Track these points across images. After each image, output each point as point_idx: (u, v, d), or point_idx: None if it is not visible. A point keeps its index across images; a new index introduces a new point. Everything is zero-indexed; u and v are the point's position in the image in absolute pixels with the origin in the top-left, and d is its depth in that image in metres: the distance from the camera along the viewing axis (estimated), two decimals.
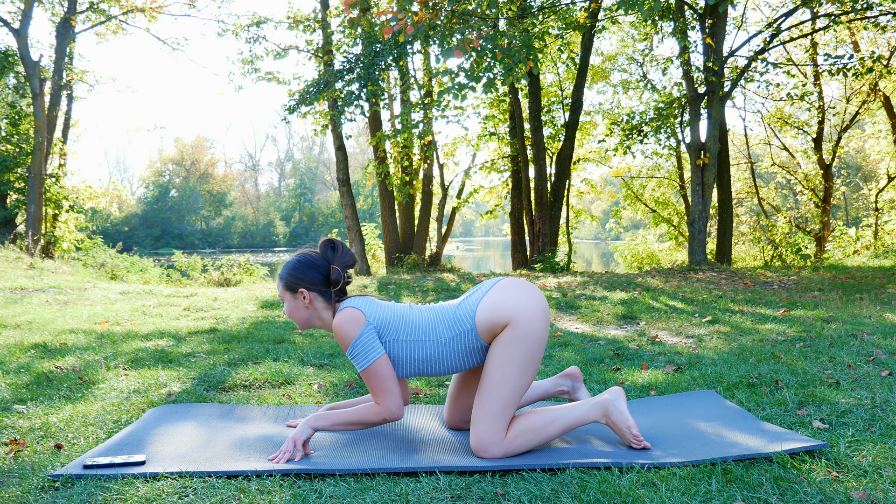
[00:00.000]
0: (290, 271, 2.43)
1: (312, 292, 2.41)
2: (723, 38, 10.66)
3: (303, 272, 2.42)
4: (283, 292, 2.44)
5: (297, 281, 2.41)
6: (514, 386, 2.23)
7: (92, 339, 4.53)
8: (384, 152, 14.53)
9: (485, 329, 2.30)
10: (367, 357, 2.27)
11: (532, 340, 2.25)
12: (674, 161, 18.08)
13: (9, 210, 16.07)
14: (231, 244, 54.83)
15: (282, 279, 2.44)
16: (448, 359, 2.35)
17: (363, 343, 2.27)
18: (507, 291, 2.33)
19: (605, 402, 2.29)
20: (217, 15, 32.68)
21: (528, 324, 2.26)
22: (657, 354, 3.95)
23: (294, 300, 2.42)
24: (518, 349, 2.24)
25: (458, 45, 7.72)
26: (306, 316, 2.44)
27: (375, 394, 2.28)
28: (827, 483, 1.88)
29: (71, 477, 2.03)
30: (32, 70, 14.91)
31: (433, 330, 2.34)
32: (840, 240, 15.96)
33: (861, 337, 4.05)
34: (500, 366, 2.24)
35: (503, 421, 2.21)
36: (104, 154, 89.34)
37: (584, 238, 63.95)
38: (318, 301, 2.42)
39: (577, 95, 13.03)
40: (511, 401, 2.23)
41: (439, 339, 2.33)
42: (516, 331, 2.25)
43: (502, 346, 2.26)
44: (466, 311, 2.33)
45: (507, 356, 2.24)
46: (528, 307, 2.28)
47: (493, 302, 2.30)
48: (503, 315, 2.27)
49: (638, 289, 7.41)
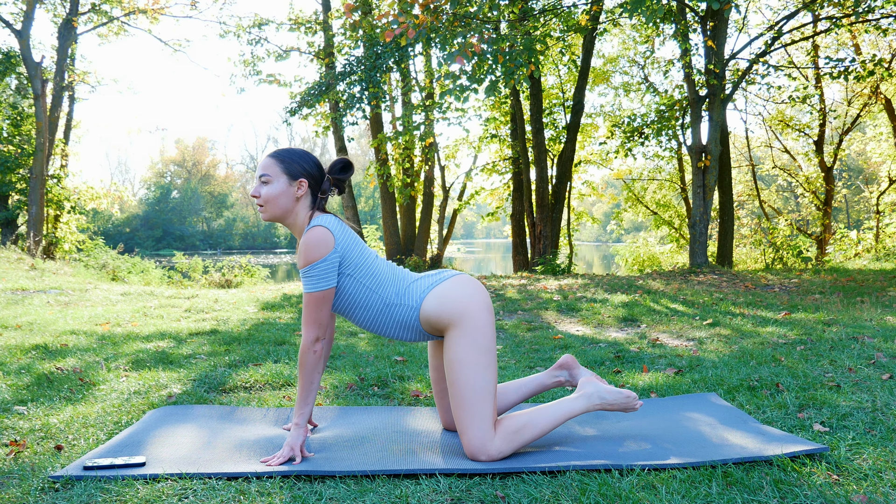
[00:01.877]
0: (297, 158, 2.34)
1: (309, 188, 2.35)
2: (724, 40, 10.66)
3: (310, 165, 2.35)
4: (278, 174, 2.31)
5: (302, 169, 2.33)
6: (479, 385, 2.22)
7: (93, 341, 4.53)
8: (385, 154, 14.54)
9: (426, 316, 2.30)
10: (319, 284, 2.24)
11: (481, 336, 2.25)
12: (675, 163, 18.09)
13: (10, 211, 16.09)
14: (232, 245, 54.84)
15: (282, 161, 2.33)
16: (381, 318, 2.33)
17: (323, 269, 2.23)
18: (457, 287, 2.32)
19: (590, 394, 2.33)
20: (219, 16, 32.63)
21: (474, 320, 2.25)
22: (658, 357, 3.95)
23: (288, 186, 2.31)
24: (471, 348, 2.23)
25: (459, 50, 7.72)
26: (289, 207, 2.33)
27: (307, 320, 2.25)
28: (827, 486, 1.88)
29: (71, 478, 2.03)
30: (34, 71, 14.93)
31: (383, 286, 2.32)
32: (841, 242, 15.95)
33: (862, 340, 4.05)
34: (459, 372, 2.23)
35: (484, 421, 2.19)
36: (105, 155, 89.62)
37: (585, 240, 63.97)
38: (307, 199, 2.36)
39: (578, 97, 13.04)
40: (482, 400, 2.21)
41: (383, 297, 2.32)
42: (463, 328, 2.25)
43: (455, 347, 2.25)
44: (418, 289, 2.33)
45: (460, 360, 2.24)
46: (474, 304, 2.27)
47: (443, 293, 2.30)
48: (448, 311, 2.27)
49: (639, 291, 7.41)
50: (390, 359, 3.97)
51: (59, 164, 17.11)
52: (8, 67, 15.72)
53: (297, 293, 8.11)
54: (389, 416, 2.76)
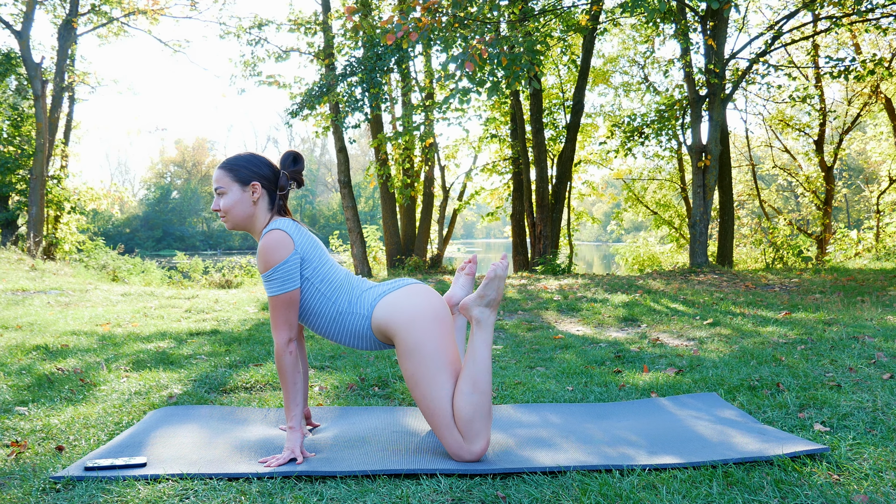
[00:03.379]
0: (243, 163, 2.34)
1: (264, 189, 2.35)
2: (724, 40, 10.66)
3: (258, 166, 2.35)
4: (229, 183, 2.31)
5: (252, 174, 2.32)
6: (437, 395, 2.20)
7: (93, 341, 4.54)
8: (385, 154, 14.54)
9: (376, 325, 2.29)
10: (284, 286, 2.23)
11: (428, 343, 2.22)
12: (675, 163, 18.08)
13: (11, 211, 16.09)
14: (232, 246, 54.82)
15: (231, 170, 2.32)
16: (333, 326, 2.33)
17: (285, 271, 2.23)
18: (406, 297, 2.30)
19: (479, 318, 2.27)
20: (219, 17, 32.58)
21: (415, 332, 2.22)
22: (658, 357, 3.95)
23: (242, 193, 2.31)
24: (416, 362, 2.22)
25: (466, 55, 7.70)
26: (248, 213, 2.33)
27: (276, 324, 2.25)
28: (828, 486, 1.88)
29: (72, 479, 2.03)
30: (34, 72, 14.94)
31: (336, 293, 2.31)
32: (841, 242, 15.95)
33: (862, 340, 4.05)
34: (412, 385, 2.23)
35: (450, 428, 2.18)
36: (106, 156, 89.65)
37: (585, 240, 63.95)
38: (264, 201, 2.35)
39: (578, 97, 13.04)
40: (443, 408, 2.19)
41: (336, 304, 2.31)
42: (406, 342, 2.23)
43: (403, 363, 2.25)
44: (369, 298, 2.32)
45: (411, 374, 2.23)
46: (418, 316, 2.24)
47: (391, 302, 2.28)
48: (394, 321, 2.25)
49: (639, 291, 7.41)
50: (391, 359, 3.97)
51: (59, 165, 17.11)
52: (8, 68, 15.72)
53: None
54: (390, 416, 2.76)
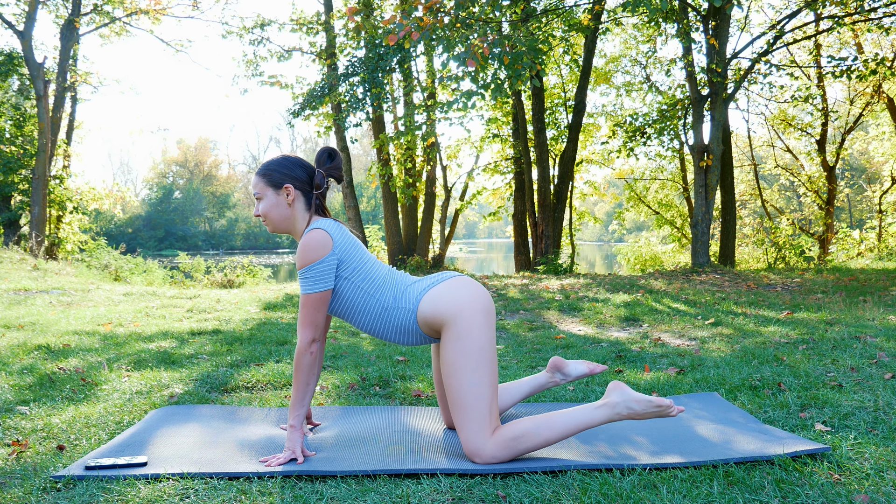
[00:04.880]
0: (276, 167, 2.38)
1: (298, 191, 2.38)
2: (726, 39, 10.65)
3: (290, 169, 2.39)
4: (264, 188, 2.37)
5: (284, 177, 2.37)
6: (473, 387, 2.18)
7: (95, 341, 4.54)
8: (387, 154, 14.54)
9: (423, 318, 2.29)
10: (316, 285, 2.25)
11: (475, 335, 2.22)
12: (677, 163, 18.07)
13: (13, 211, 16.11)
14: (234, 246, 54.87)
15: (265, 175, 2.37)
16: (379, 322, 2.34)
17: (320, 271, 2.25)
18: (452, 289, 2.30)
19: (616, 403, 2.17)
20: (221, 17, 32.69)
21: (466, 321, 2.22)
22: (660, 356, 3.95)
23: (276, 197, 2.37)
24: (462, 351, 2.21)
25: (467, 52, 7.70)
26: (284, 215, 2.38)
27: (303, 322, 2.27)
28: (829, 486, 1.88)
29: (73, 478, 2.03)
30: (36, 72, 14.95)
31: (380, 290, 2.32)
32: (843, 242, 15.93)
33: (864, 339, 4.04)
34: (452, 373, 2.22)
35: (479, 423, 2.16)
36: (108, 156, 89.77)
37: (587, 240, 63.93)
38: (300, 202, 2.39)
39: (580, 97, 13.03)
40: (477, 402, 2.17)
41: (381, 301, 2.32)
42: (456, 330, 2.23)
43: (448, 350, 2.24)
44: (414, 292, 2.32)
45: (454, 361, 2.22)
46: (467, 306, 2.25)
47: (437, 294, 2.29)
48: (442, 312, 2.25)
49: (641, 291, 7.41)
50: (392, 358, 3.97)
51: (61, 165, 17.14)
52: (10, 68, 15.74)
53: (299, 293, 8.12)
54: (391, 415, 2.76)
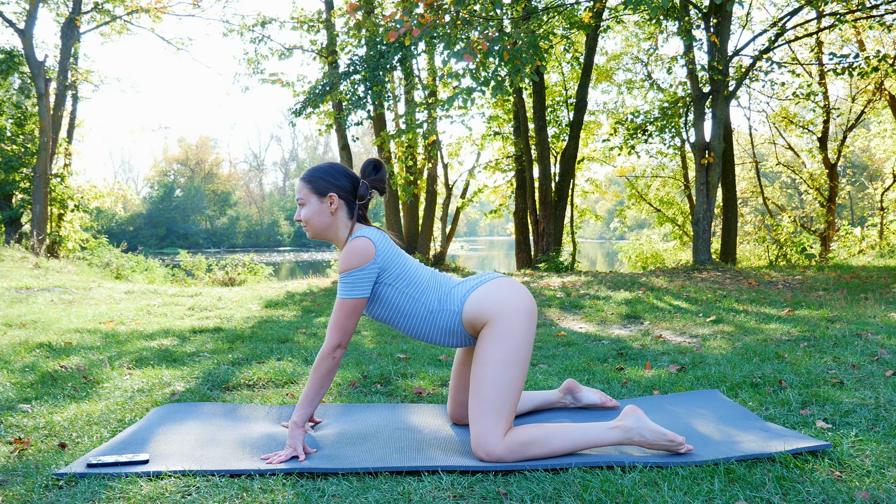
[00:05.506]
0: (322, 174, 2.41)
1: (341, 200, 2.41)
2: (727, 37, 10.64)
3: (335, 177, 2.42)
4: (308, 195, 2.40)
5: (329, 185, 2.40)
6: (501, 382, 2.19)
7: (97, 339, 4.55)
8: (389, 152, 14.54)
9: (467, 319, 2.31)
10: (352, 291, 2.28)
11: (514, 335, 2.23)
12: (678, 160, 18.06)
13: (14, 210, 16.13)
14: (235, 244, 54.92)
15: (310, 181, 2.40)
16: (425, 325, 2.36)
17: (358, 278, 2.28)
18: (496, 289, 2.33)
19: (629, 427, 2.17)
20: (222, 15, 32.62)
21: (508, 320, 2.25)
22: (661, 354, 3.95)
23: (320, 204, 2.40)
24: (499, 345, 2.23)
25: (467, 48, 7.70)
26: (327, 223, 2.41)
27: (333, 326, 2.29)
28: (830, 483, 1.88)
29: (75, 475, 2.04)
30: (37, 70, 14.96)
31: (425, 293, 2.35)
32: (845, 239, 15.92)
33: (865, 337, 4.04)
34: (483, 363, 2.23)
35: (496, 419, 2.16)
36: (109, 154, 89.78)
37: (588, 237, 63.92)
38: (343, 211, 2.42)
39: (581, 95, 13.02)
40: (501, 398, 2.18)
41: (426, 304, 2.34)
42: (498, 326, 2.24)
43: (484, 343, 2.26)
44: (458, 293, 2.35)
45: (489, 353, 2.23)
46: (510, 305, 2.27)
47: (482, 295, 2.31)
48: (486, 311, 2.28)
49: (642, 288, 7.40)
50: (393, 356, 3.98)
51: (62, 163, 17.15)
52: (11, 66, 15.74)
53: (299, 291, 8.12)
54: (392, 413, 2.77)
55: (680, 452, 2.13)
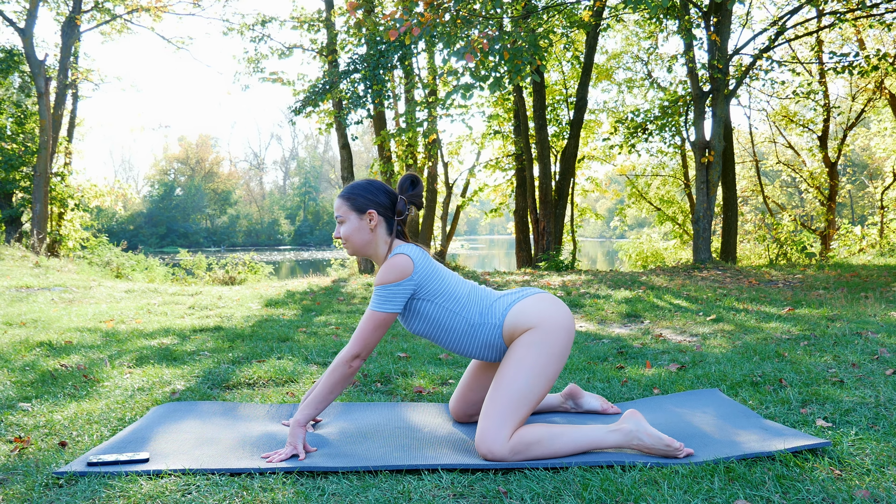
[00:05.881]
0: (361, 192, 2.42)
1: (380, 216, 2.42)
2: (728, 35, 10.63)
3: (374, 194, 2.42)
4: (347, 212, 2.41)
5: (368, 202, 2.41)
6: (525, 387, 2.21)
7: (97, 338, 4.55)
8: (389, 151, 14.54)
9: (507, 331, 2.33)
10: (384, 305, 2.29)
11: (550, 347, 2.26)
12: (678, 159, 18.06)
13: (14, 209, 16.13)
14: (236, 242, 54.94)
15: (349, 199, 2.42)
16: (466, 340, 2.37)
17: (393, 293, 2.29)
18: (539, 302, 2.35)
19: (628, 430, 2.18)
20: (222, 14, 32.70)
21: (548, 331, 2.27)
22: (661, 353, 3.95)
23: (359, 221, 2.41)
24: (534, 352, 2.25)
25: (467, 47, 7.70)
26: (366, 239, 2.42)
27: (358, 335, 2.30)
28: (830, 481, 1.88)
29: (75, 474, 2.04)
30: (38, 69, 14.96)
31: (467, 307, 2.36)
32: (845, 238, 15.91)
33: (865, 335, 4.04)
34: (512, 364, 2.25)
35: (509, 420, 2.17)
36: (109, 153, 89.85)
37: (588, 236, 63.91)
38: (382, 227, 2.42)
39: (581, 94, 13.02)
40: (520, 401, 2.20)
41: (467, 318, 2.35)
42: (535, 335, 2.26)
43: (519, 347, 2.27)
44: (500, 306, 2.36)
45: (521, 357, 2.25)
46: (551, 319, 2.30)
47: (523, 308, 2.33)
48: (527, 321, 2.30)
49: (642, 287, 7.40)
50: (393, 355, 3.98)
51: (62, 162, 17.15)
52: (11, 65, 15.74)
53: (300, 290, 8.12)
54: (392, 411, 2.77)
55: (678, 457, 2.13)
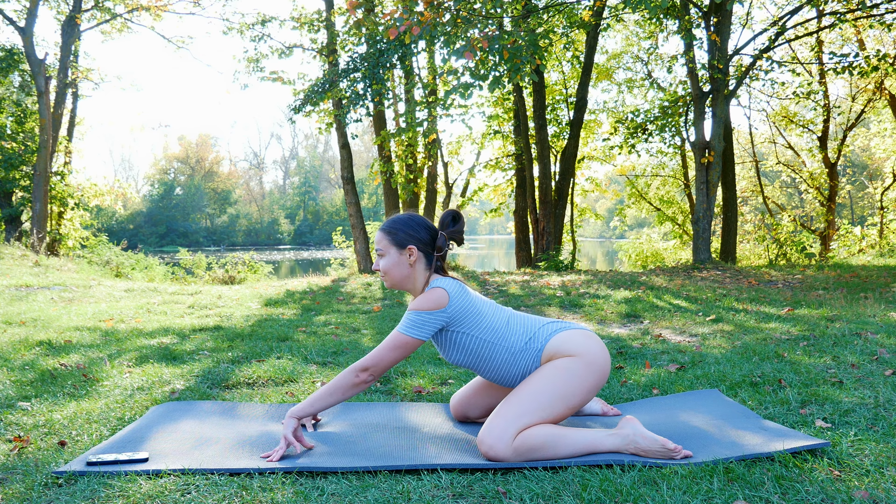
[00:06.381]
0: (402, 227, 2.44)
1: (420, 252, 2.43)
2: (728, 35, 10.63)
3: (415, 230, 2.44)
4: (387, 246, 2.43)
5: (409, 237, 2.43)
6: (546, 402, 2.23)
7: (96, 337, 4.55)
8: (389, 151, 14.53)
9: (547, 357, 2.34)
10: (411, 329, 2.31)
11: (583, 378, 2.28)
12: (678, 159, 18.05)
13: (14, 208, 16.13)
14: (235, 242, 54.93)
15: (390, 233, 2.44)
16: (505, 367, 2.38)
17: (424, 320, 2.31)
18: (584, 338, 2.36)
19: (626, 435, 2.21)
20: (222, 13, 32.64)
21: (586, 363, 2.29)
22: (660, 353, 3.95)
23: (399, 256, 2.43)
24: (566, 376, 2.27)
25: (467, 46, 7.70)
26: (405, 273, 2.44)
27: (376, 350, 2.33)
28: (829, 482, 1.88)
29: (74, 474, 2.04)
30: (38, 68, 14.95)
31: (506, 337, 2.37)
32: (845, 238, 15.92)
33: (865, 336, 4.04)
34: (541, 379, 2.28)
35: (516, 422, 2.18)
36: (109, 152, 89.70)
37: (588, 236, 63.92)
38: (421, 262, 2.44)
39: (581, 94, 13.01)
40: (535, 412, 2.21)
41: (508, 347, 2.36)
42: (573, 363, 2.29)
43: (553, 366, 2.30)
44: (544, 333, 2.37)
45: (552, 375, 2.28)
46: (595, 354, 2.32)
47: (567, 338, 2.35)
48: (568, 350, 2.32)
49: (642, 287, 7.41)
50: None
51: (62, 161, 17.15)
52: (11, 64, 15.73)
53: (300, 289, 8.12)
54: (392, 412, 2.77)
55: (675, 458, 2.13)
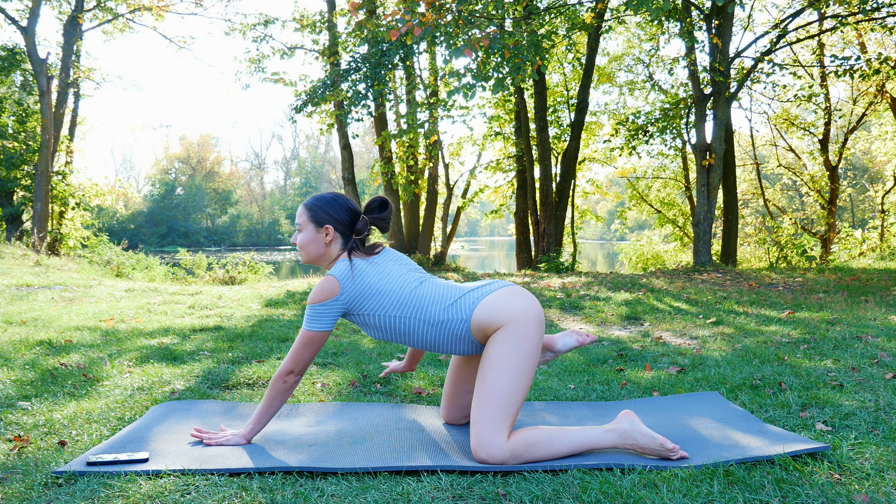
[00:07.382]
0: (323, 205, 2.43)
1: (337, 232, 2.42)
2: (729, 38, 10.63)
3: (335, 210, 2.43)
4: (306, 222, 2.43)
5: (327, 217, 2.41)
6: (509, 385, 2.19)
7: (97, 337, 4.55)
8: (390, 152, 14.54)
9: (477, 327, 2.29)
10: (312, 324, 2.31)
11: (526, 342, 2.23)
12: (679, 162, 18.06)
13: (15, 207, 16.14)
14: (236, 242, 54.92)
15: (310, 210, 2.43)
16: (430, 338, 2.35)
17: (320, 312, 2.30)
18: (508, 297, 2.31)
19: (623, 430, 2.19)
20: (224, 14, 32.70)
21: (520, 327, 2.24)
22: (661, 355, 3.95)
23: (316, 233, 2.41)
24: (510, 350, 2.22)
25: (466, 44, 7.71)
26: (320, 252, 2.43)
27: (291, 353, 2.33)
28: (829, 486, 1.88)
29: (74, 474, 2.04)
30: (40, 68, 14.96)
31: (425, 309, 2.32)
32: (846, 241, 15.91)
33: (865, 339, 4.04)
34: (493, 366, 2.23)
35: (502, 422, 2.16)
36: (110, 152, 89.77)
37: (588, 238, 63.93)
38: (336, 243, 2.43)
39: (582, 96, 13.02)
40: (508, 402, 2.18)
41: (428, 319, 2.32)
42: (510, 332, 2.24)
43: (495, 346, 2.25)
44: (467, 303, 2.32)
45: (499, 357, 2.23)
46: (522, 313, 2.26)
47: (493, 302, 2.29)
48: (498, 318, 2.26)
49: (642, 289, 7.40)
50: (393, 356, 3.98)
51: (63, 161, 17.15)
52: (13, 64, 15.75)
53: (300, 290, 8.12)
54: (392, 413, 2.77)
55: (672, 458, 2.13)
